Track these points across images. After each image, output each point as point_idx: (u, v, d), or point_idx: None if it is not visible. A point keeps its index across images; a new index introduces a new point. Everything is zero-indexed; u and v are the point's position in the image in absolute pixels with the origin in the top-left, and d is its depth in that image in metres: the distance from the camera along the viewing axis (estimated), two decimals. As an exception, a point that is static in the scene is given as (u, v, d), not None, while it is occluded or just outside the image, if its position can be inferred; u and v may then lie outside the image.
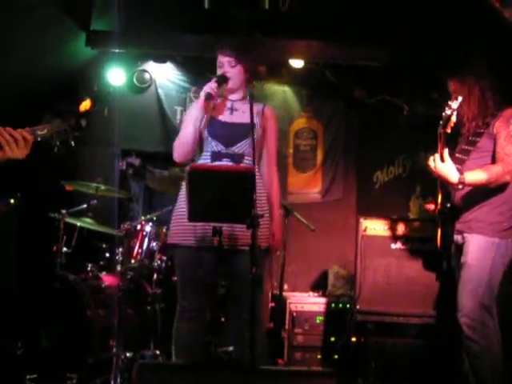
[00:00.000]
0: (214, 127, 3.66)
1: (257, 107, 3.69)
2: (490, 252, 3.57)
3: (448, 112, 3.54)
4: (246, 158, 3.61)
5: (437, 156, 3.54)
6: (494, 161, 3.60)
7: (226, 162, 3.59)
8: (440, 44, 5.05)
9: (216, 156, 3.61)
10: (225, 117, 3.71)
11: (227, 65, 3.68)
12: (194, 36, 5.75)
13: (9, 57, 4.96)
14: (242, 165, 3.59)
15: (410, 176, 6.27)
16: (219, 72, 3.70)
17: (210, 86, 3.57)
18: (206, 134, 3.65)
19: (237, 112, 3.71)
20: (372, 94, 6.20)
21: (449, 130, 3.59)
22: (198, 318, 3.61)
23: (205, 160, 3.64)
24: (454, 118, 3.57)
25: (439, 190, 3.72)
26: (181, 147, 3.64)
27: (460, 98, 3.55)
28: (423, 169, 5.95)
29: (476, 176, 3.53)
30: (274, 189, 3.77)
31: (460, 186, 3.53)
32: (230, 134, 3.63)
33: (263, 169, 3.76)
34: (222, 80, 3.65)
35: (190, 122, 3.62)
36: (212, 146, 3.63)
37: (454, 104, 3.54)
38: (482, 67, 3.73)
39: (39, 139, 3.36)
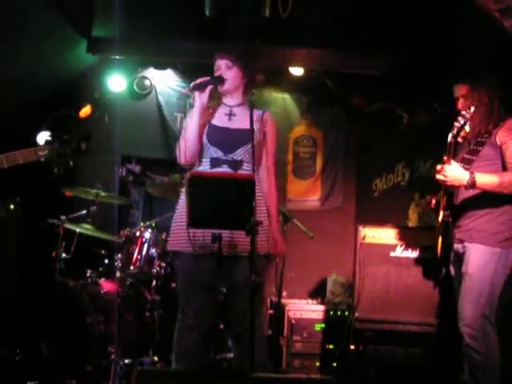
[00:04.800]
0: (213, 133, 3.63)
1: (256, 113, 3.67)
2: (491, 262, 3.57)
3: (461, 121, 3.54)
4: (245, 164, 3.60)
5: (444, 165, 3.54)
6: (496, 169, 3.61)
7: (225, 169, 3.57)
8: (441, 54, 5.06)
9: (215, 162, 3.59)
10: (223, 122, 3.68)
11: (224, 67, 3.66)
12: (195, 43, 5.76)
13: (9, 64, 4.96)
14: (241, 172, 3.58)
15: (409, 184, 6.28)
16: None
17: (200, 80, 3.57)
18: (205, 140, 3.63)
19: (235, 117, 3.69)
20: (372, 101, 6.22)
21: (460, 140, 3.60)
22: (200, 326, 3.59)
23: (204, 167, 3.61)
24: (467, 128, 3.57)
25: (442, 198, 3.73)
26: (186, 146, 3.57)
27: (473, 108, 3.56)
28: (422, 177, 6.06)
29: (488, 178, 3.52)
30: (273, 195, 3.74)
31: (469, 188, 3.52)
32: (229, 140, 3.61)
33: (262, 175, 3.72)
34: (217, 81, 3.62)
35: (191, 122, 3.59)
36: (211, 152, 3.60)
37: (467, 113, 3.54)
38: (492, 76, 3.74)
39: (42, 159, 3.45)
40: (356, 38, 5.48)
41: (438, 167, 3.57)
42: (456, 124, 3.55)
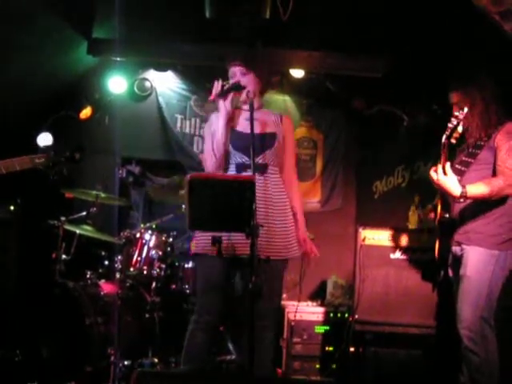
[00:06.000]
0: (237, 139, 3.62)
1: (274, 116, 3.74)
2: (489, 264, 3.57)
3: (454, 122, 3.54)
4: (270, 167, 3.63)
5: (439, 168, 3.54)
6: (493, 173, 3.61)
7: (250, 173, 3.53)
8: (441, 56, 5.06)
9: (241, 167, 3.60)
10: (245, 128, 3.63)
11: (239, 74, 3.65)
12: (195, 45, 5.77)
13: (9, 65, 4.97)
14: (267, 175, 3.60)
15: (409, 186, 6.26)
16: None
17: (217, 86, 3.56)
18: (229, 146, 3.62)
19: (256, 122, 3.62)
20: (372, 104, 6.22)
21: (453, 141, 3.60)
22: (213, 329, 3.61)
23: (230, 172, 3.60)
24: (460, 129, 3.57)
25: (439, 200, 3.73)
26: (216, 155, 3.58)
27: (466, 109, 3.55)
28: (422, 179, 6.05)
29: (478, 189, 3.53)
30: (296, 196, 3.79)
31: (462, 200, 3.54)
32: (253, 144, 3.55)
33: (285, 176, 3.75)
34: (236, 88, 3.60)
35: (218, 131, 3.58)
36: (236, 158, 3.61)
37: (461, 114, 3.54)
38: (485, 79, 3.74)
39: (41, 167, 3.54)
40: (356, 40, 5.49)
41: (434, 169, 3.58)
42: (449, 125, 3.54)
